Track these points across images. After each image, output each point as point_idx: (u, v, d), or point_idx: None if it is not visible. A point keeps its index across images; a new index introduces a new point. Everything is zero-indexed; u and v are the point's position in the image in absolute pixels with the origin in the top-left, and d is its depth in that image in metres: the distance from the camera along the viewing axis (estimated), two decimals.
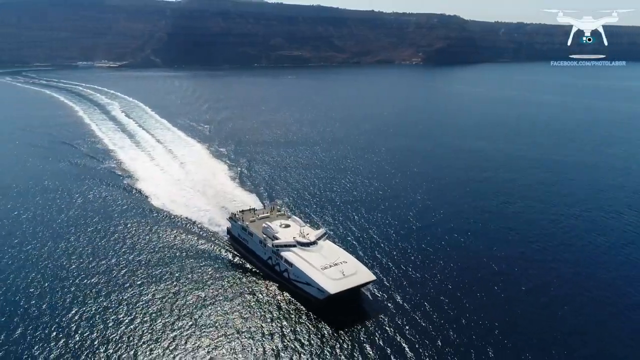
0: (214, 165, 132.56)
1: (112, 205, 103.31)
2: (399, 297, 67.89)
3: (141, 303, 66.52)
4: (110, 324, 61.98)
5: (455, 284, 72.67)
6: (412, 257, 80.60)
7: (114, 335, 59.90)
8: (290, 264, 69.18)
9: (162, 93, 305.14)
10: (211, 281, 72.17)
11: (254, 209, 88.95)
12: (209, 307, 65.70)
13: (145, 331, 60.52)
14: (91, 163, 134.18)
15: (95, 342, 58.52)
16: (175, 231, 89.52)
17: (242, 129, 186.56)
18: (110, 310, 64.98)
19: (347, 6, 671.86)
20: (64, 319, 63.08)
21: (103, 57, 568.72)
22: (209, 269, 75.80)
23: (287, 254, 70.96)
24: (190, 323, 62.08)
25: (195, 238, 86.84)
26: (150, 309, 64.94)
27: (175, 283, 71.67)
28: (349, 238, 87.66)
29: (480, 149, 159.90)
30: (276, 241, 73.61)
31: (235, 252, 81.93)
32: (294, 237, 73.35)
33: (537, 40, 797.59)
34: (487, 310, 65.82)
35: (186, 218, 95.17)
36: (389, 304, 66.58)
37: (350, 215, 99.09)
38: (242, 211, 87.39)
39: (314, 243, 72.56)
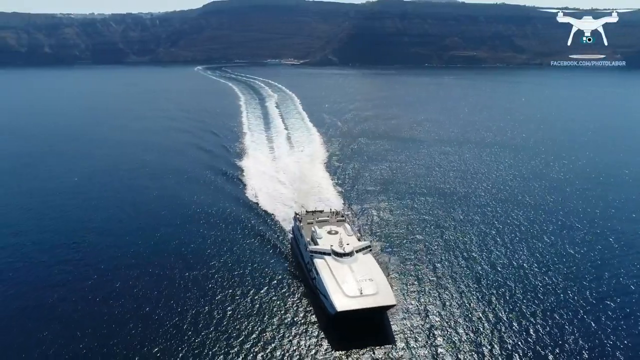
0: (322, 161, 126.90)
1: (211, 190, 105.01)
2: (430, 333, 55.23)
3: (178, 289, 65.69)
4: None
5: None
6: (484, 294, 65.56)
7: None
8: (317, 273, 61.86)
9: (321, 89, 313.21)
10: (250, 277, 67.45)
11: (319, 211, 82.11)
12: (227, 302, 61.54)
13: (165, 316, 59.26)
14: (220, 151, 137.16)
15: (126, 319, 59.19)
16: (248, 220, 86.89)
17: (375, 129, 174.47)
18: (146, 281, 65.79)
19: (535, 4, 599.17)
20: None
21: (290, 55, 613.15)
22: (258, 265, 70.53)
23: (318, 262, 63.05)
24: (200, 313, 58.87)
25: (263, 232, 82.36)
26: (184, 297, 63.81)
27: (215, 272, 69.18)
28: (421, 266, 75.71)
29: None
30: (313, 247, 66.51)
31: (291, 252, 77.16)
32: (331, 246, 65.44)
33: None
34: None
35: (266, 210, 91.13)
36: (410, 337, 54.65)
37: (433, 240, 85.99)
38: (307, 212, 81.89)
39: (348, 254, 63.06)
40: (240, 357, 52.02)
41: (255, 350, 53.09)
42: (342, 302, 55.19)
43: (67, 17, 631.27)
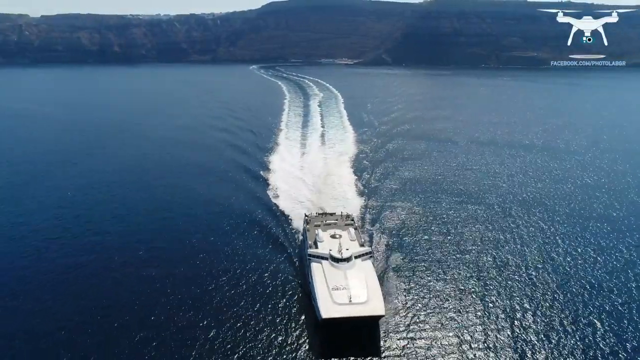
0: (351, 161, 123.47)
1: (232, 187, 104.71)
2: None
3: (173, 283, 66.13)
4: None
5: None
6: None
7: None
8: (311, 277, 59.74)
9: (369, 88, 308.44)
10: (251, 275, 66.53)
11: (330, 213, 79.12)
12: (222, 296, 61.60)
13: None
14: (251, 149, 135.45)
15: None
16: (263, 219, 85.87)
17: (416, 130, 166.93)
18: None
19: (606, 1, 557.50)
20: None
21: (344, 55, 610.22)
22: (262, 264, 69.45)
23: (314, 265, 60.85)
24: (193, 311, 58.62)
25: (275, 232, 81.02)
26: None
27: (218, 266, 69.39)
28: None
29: None
30: (311, 250, 64.42)
31: (298, 254, 75.13)
32: (330, 250, 62.96)
33: None
34: None
35: (282, 210, 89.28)
36: (399, 352, 51.31)
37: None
38: (318, 214, 79.60)
39: (345, 260, 60.21)
40: (220, 351, 51.60)
41: (237, 346, 52.48)
42: (328, 308, 52.90)
43: (136, 18, 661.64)
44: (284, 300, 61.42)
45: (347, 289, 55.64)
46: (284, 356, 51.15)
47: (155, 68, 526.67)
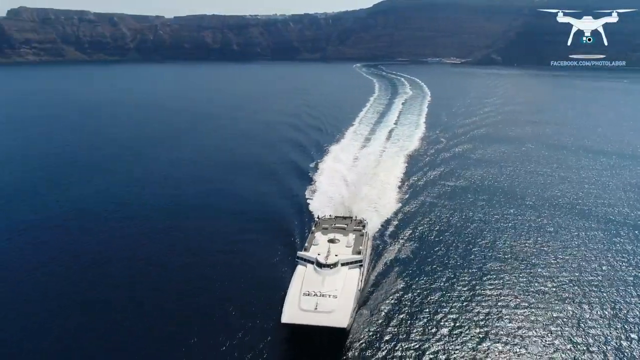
0: (407, 161, 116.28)
1: (272, 184, 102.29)
2: None
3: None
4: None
5: None
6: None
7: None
8: (292, 279, 56.57)
9: (464, 88, 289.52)
10: (246, 273, 64.68)
11: (343, 217, 74.34)
12: (211, 291, 60.91)
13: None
14: (311, 147, 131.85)
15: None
16: (287, 219, 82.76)
17: (496, 134, 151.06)
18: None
19: None
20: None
21: (452, 54, 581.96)
22: (265, 264, 67.25)
23: (298, 268, 57.31)
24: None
25: (292, 234, 77.01)
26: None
27: (220, 260, 68.71)
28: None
29: None
30: (300, 252, 60.64)
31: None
32: (318, 254, 58.76)
33: None
34: None
35: (311, 212, 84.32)
36: None
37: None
38: (335, 217, 74.88)
39: (328, 266, 55.25)
40: (184, 341, 51.25)
41: (197, 337, 51.79)
42: (290, 314, 49.11)
43: (254, 18, 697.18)
44: (267, 299, 58.50)
45: (318, 295, 51.41)
46: (236, 354, 48.88)
47: (267, 65, 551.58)
